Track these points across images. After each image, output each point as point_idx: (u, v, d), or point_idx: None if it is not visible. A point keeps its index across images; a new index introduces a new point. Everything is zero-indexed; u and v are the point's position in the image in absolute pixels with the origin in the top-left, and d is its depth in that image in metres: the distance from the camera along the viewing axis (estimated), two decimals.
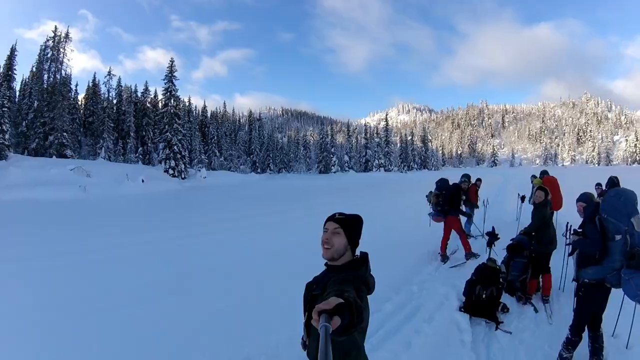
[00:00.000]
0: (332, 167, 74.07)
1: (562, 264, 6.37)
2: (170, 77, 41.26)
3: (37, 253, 8.84)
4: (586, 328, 4.10)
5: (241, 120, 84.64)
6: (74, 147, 39.16)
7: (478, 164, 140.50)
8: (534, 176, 12.74)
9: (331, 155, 75.20)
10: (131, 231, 11.79)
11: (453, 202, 8.79)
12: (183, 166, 39.54)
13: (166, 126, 39.80)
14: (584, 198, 4.36)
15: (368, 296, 2.11)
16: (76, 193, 21.34)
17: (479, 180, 12.48)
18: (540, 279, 6.35)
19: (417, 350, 4.36)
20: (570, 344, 4.10)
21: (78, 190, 21.95)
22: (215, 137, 60.88)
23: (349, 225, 2.22)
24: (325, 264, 2.27)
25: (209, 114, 66.13)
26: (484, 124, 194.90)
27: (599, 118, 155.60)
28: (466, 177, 10.74)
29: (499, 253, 7.25)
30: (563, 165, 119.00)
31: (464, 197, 10.12)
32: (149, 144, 46.57)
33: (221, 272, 7.58)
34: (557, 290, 6.39)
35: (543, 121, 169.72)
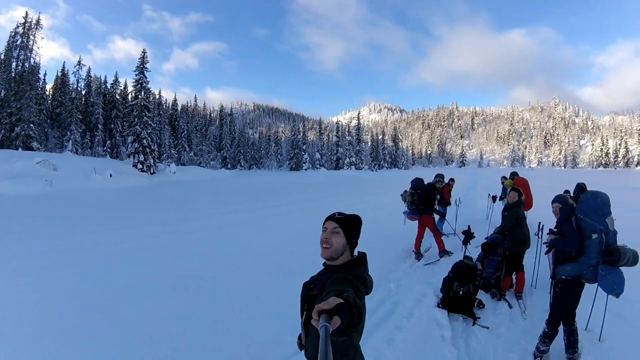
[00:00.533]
0: (304, 165, 74.37)
1: (534, 262, 6.71)
2: (141, 68, 39.78)
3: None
4: (561, 322, 4.33)
5: (212, 115, 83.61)
6: (41, 139, 37.24)
7: (447, 164, 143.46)
8: (504, 177, 13.19)
9: (303, 153, 75.48)
10: (103, 228, 11.20)
11: (428, 201, 8.95)
12: (152, 161, 38.26)
13: (136, 119, 38.51)
14: (560, 199, 4.64)
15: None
16: (42, 187, 20.70)
17: (452, 180, 12.86)
18: (514, 277, 6.61)
19: (400, 345, 4.46)
20: (547, 337, 4.32)
21: (44, 184, 21.34)
22: (186, 132, 59.51)
23: (348, 225, 2.23)
24: (324, 264, 2.28)
25: (179, 108, 64.44)
26: (453, 125, 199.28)
27: (567, 123, 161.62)
28: (440, 176, 10.88)
29: (473, 251, 7.47)
30: (530, 167, 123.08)
31: (438, 197, 10.33)
32: (118, 137, 44.71)
33: (193, 272, 7.33)
34: (529, 287, 6.66)
35: (511, 124, 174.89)
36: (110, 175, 27.82)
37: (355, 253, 2.27)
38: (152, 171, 37.67)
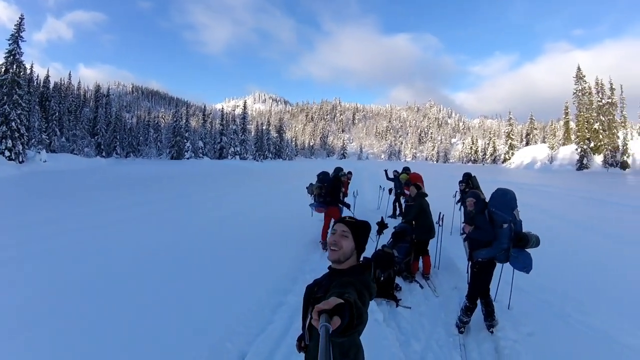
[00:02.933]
0: (185, 153, 70.51)
1: (435, 247, 7.69)
2: (16, 37, 33.66)
3: None
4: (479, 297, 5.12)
5: (87, 96, 73.09)
6: None
7: (329, 156, 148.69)
8: (396, 171, 13.92)
9: (185, 140, 71.27)
10: None
11: (334, 193, 9.31)
12: (22, 147, 32.88)
13: (5, 97, 32.32)
14: (474, 195, 5.43)
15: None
16: None
17: (350, 173, 13.29)
18: (421, 261, 7.39)
19: None
20: (469, 310, 5.04)
21: None
22: (57, 114, 51.42)
23: (358, 230, 2.25)
24: (329, 267, 2.29)
25: (51, 86, 54.99)
26: (336, 120, 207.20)
27: (440, 123, 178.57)
28: (340, 169, 10.87)
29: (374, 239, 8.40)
30: (405, 160, 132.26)
31: (343, 189, 10.79)
32: None
33: (82, 276, 6.47)
34: (434, 268, 7.54)
35: (390, 121, 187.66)
36: None
37: (361, 259, 2.28)
38: (20, 159, 32.64)
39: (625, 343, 4.64)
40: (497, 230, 4.90)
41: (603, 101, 55.59)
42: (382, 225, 7.98)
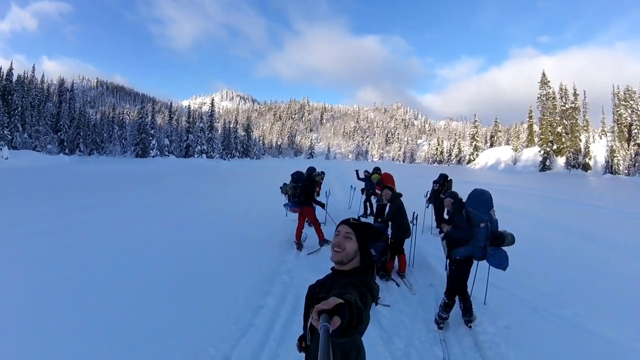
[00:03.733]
0: (151, 151, 68.18)
1: (410, 246, 7.82)
2: None
3: None
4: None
5: (50, 90, 69.33)
6: None
7: (296, 155, 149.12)
8: (367, 172, 13.97)
9: (150, 138, 68.92)
10: None
11: (308, 193, 9.27)
12: None
13: None
14: (452, 195, 5.64)
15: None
16: None
17: (322, 173, 13.25)
18: (397, 260, 7.50)
19: None
20: (447, 306, 5.18)
21: None
22: (20, 109, 48.93)
23: (362, 231, 2.25)
24: (332, 268, 2.28)
25: (14, 79, 51.41)
26: (304, 119, 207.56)
27: (407, 124, 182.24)
28: (313, 169, 11.16)
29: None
30: (373, 160, 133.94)
31: (317, 189, 10.95)
32: None
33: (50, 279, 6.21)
34: (409, 267, 7.66)
35: (357, 121, 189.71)
36: None
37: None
38: None
39: (596, 332, 4.97)
40: (474, 229, 5.06)
41: (566, 106, 58.36)
42: None
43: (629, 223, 13.69)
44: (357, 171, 15.06)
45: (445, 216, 5.86)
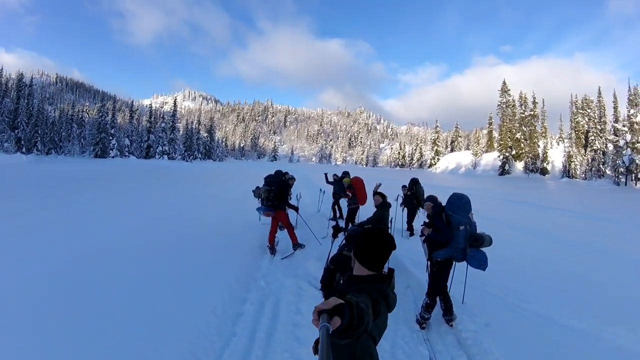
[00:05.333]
0: (110, 151, 65.93)
1: None
2: None
3: None
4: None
5: (8, 85, 63.14)
6: None
7: (259, 158, 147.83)
8: (336, 175, 14.03)
9: (110, 138, 66.55)
10: None
11: (282, 197, 9.22)
12: None
13: None
14: (432, 199, 5.81)
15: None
16: None
17: (293, 177, 13.26)
18: None
19: (309, 340, 4.27)
20: (429, 307, 5.35)
21: None
22: None
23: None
24: (349, 274, 2.28)
25: None
26: (267, 121, 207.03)
27: (369, 128, 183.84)
28: (284, 173, 11.10)
29: (323, 243, 9.07)
30: (336, 164, 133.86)
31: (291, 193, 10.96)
32: None
33: None
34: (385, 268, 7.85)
35: (321, 125, 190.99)
36: None
37: (385, 269, 2.28)
38: None
39: (565, 324, 5.36)
40: (454, 231, 5.25)
41: (526, 113, 60.67)
42: (337, 229, 8.23)
43: (584, 223, 15.08)
44: (326, 174, 15.14)
45: (426, 220, 5.94)
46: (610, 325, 5.24)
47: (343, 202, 13.08)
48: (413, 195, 11.56)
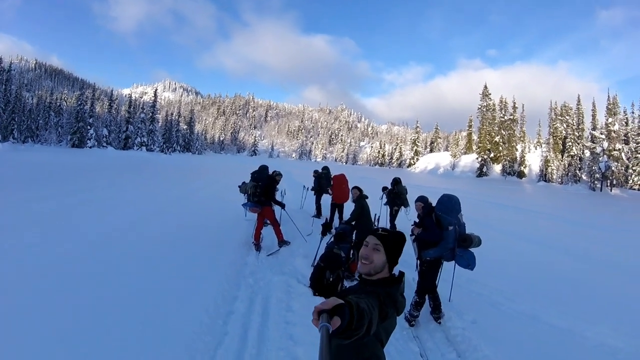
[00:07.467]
0: (88, 141, 63.85)
1: None
2: None
3: None
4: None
5: None
6: None
7: (239, 152, 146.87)
8: (316, 171, 14.21)
9: (88, 127, 64.44)
10: None
11: (268, 193, 9.10)
12: None
13: None
14: (422, 199, 5.96)
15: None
16: None
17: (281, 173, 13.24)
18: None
19: (303, 339, 4.58)
20: (418, 305, 5.49)
21: None
22: None
23: (391, 243, 2.19)
24: (359, 276, 2.25)
25: None
26: (248, 115, 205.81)
27: (350, 126, 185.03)
28: (265, 167, 10.80)
29: (308, 240, 9.24)
30: (316, 160, 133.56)
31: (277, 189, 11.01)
32: None
33: None
34: None
35: (302, 121, 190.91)
36: None
37: (395, 272, 2.24)
38: None
39: (550, 323, 5.61)
40: (443, 232, 5.38)
41: (505, 117, 61.62)
42: (326, 227, 8.36)
43: (565, 226, 15.74)
44: (315, 171, 15.09)
45: (416, 219, 6.09)
46: (593, 324, 5.50)
47: (325, 202, 13.34)
48: (395, 195, 11.72)
